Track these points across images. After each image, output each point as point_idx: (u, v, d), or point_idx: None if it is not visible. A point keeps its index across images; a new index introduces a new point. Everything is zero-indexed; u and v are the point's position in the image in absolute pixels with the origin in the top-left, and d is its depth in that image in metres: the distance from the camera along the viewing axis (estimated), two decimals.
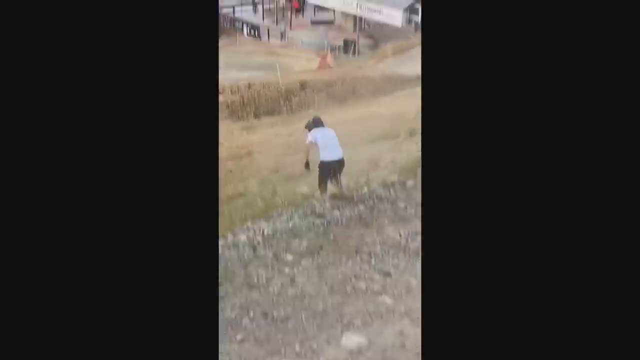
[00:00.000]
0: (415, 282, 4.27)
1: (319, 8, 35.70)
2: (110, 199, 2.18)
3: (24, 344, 2.08)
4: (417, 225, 5.15)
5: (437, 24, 2.22)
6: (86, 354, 2.15)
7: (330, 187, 8.56)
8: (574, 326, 2.07)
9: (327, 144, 8.92)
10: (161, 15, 2.24)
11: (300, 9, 36.52)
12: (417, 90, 11.94)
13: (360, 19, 33.26)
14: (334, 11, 35.04)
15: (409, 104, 15.64)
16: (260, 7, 36.75)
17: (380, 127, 14.83)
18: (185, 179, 2.24)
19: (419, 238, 4.89)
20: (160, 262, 2.21)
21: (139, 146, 2.22)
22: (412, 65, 21.66)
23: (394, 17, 31.52)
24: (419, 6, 30.32)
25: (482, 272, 2.15)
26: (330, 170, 8.79)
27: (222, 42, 30.86)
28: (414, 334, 3.56)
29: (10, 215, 2.09)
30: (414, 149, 10.16)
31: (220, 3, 33.53)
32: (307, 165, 9.30)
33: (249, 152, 15.28)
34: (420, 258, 3.86)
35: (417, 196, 5.97)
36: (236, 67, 26.50)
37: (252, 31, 34.52)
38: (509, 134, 2.16)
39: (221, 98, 20.21)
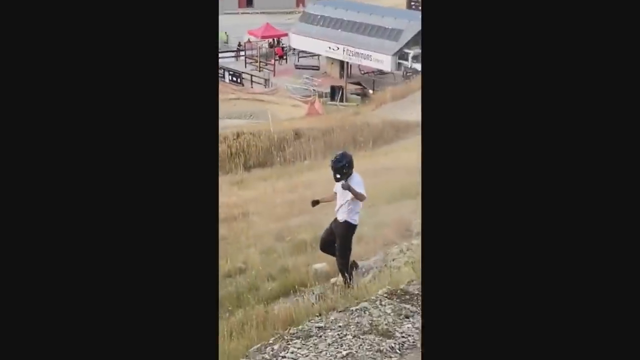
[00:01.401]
0: None
1: (304, 54, 33.86)
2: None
3: (21, 344, 2.07)
4: None
5: (436, 68, 2.23)
6: None
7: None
8: (574, 328, 2.08)
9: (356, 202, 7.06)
10: (159, 62, 2.24)
11: (284, 55, 34.83)
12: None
13: (347, 64, 31.30)
14: (318, 57, 33.19)
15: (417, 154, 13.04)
16: (242, 54, 35.22)
17: (398, 182, 12.20)
18: (180, 249, 2.23)
19: None
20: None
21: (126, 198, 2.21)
22: (412, 110, 19.32)
23: (383, 62, 29.73)
24: (408, 51, 28.71)
25: (482, 279, 2.17)
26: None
27: None
28: None
29: (6, 216, 2.08)
30: None
31: None
32: (315, 203, 7.60)
33: (244, 212, 12.46)
34: None
35: None
36: (219, 115, 23.97)
37: (235, 78, 32.93)
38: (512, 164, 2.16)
39: None
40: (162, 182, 2.22)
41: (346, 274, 7.33)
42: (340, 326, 4.66)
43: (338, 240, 7.28)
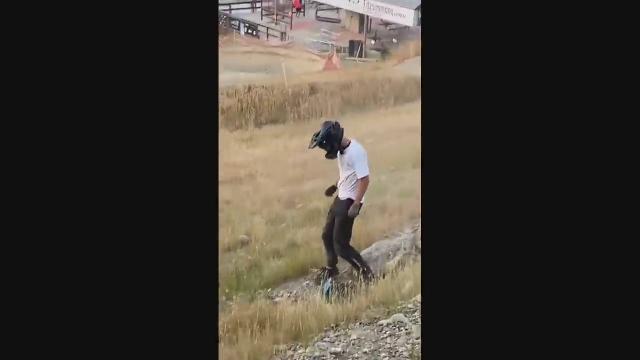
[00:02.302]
0: None
1: (323, 7, 31.90)
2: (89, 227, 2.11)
3: (20, 345, 2.03)
4: None
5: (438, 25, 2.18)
6: None
7: None
8: (573, 329, 2.03)
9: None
10: (160, 14, 2.18)
11: (301, 8, 32.97)
12: None
13: (368, 19, 29.26)
14: (337, 10, 31.24)
15: None
16: (258, 6, 33.61)
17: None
18: (178, 217, 2.14)
19: None
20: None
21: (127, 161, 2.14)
22: None
23: (406, 16, 27.66)
24: None
25: (482, 279, 2.11)
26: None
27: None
28: None
29: (5, 216, 2.05)
30: None
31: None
32: (330, 191, 6.19)
33: (251, 174, 10.93)
34: None
35: None
36: (233, 68, 22.33)
37: (250, 31, 31.12)
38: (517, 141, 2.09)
39: None
40: (159, 138, 2.14)
41: (357, 262, 5.89)
42: (366, 354, 3.18)
43: (337, 220, 5.81)
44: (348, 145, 5.68)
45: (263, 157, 12.40)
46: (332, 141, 5.58)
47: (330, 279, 5.75)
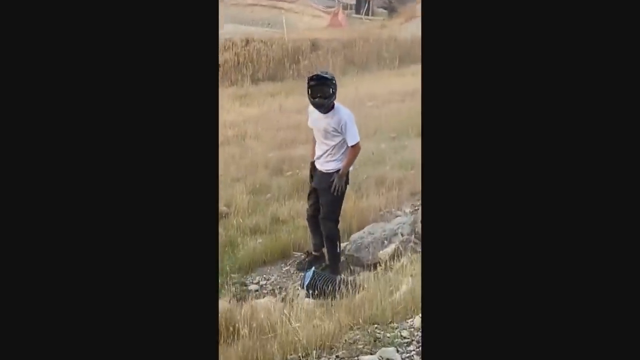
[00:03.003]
0: None
1: None
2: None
3: (18, 345, 1.95)
4: None
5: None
6: None
7: None
8: (573, 331, 1.89)
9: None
10: None
11: None
12: None
13: None
14: None
15: None
16: None
17: None
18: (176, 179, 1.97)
19: None
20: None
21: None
22: None
23: None
24: None
25: (482, 278, 1.89)
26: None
27: None
28: None
29: (4, 216, 1.96)
30: None
31: None
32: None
33: (240, 134, 9.90)
34: None
35: None
36: (232, 20, 21.06)
37: None
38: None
39: None
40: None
41: (333, 252, 4.99)
42: None
43: (326, 198, 4.91)
44: (332, 108, 4.67)
45: (255, 117, 11.34)
46: (328, 97, 4.64)
47: (312, 269, 4.80)
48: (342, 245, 5.21)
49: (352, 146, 4.68)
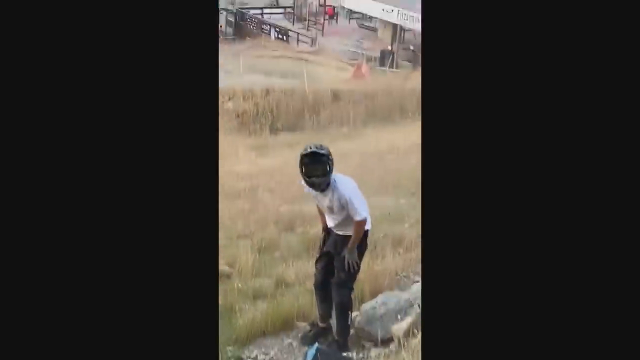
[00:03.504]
0: None
1: (355, 15, 30.63)
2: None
3: (17, 345, 1.98)
4: None
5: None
6: None
7: None
8: (573, 331, 1.94)
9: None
10: (160, 14, 2.08)
11: (334, 15, 31.73)
12: None
13: (401, 28, 27.66)
14: (370, 19, 29.90)
15: None
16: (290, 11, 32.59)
17: None
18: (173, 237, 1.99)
19: None
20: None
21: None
22: None
23: None
24: None
25: (482, 279, 1.99)
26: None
27: (245, 45, 26.43)
28: None
29: (3, 215, 2.01)
30: None
31: (249, 5, 32.38)
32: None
33: (252, 187, 9.35)
34: None
35: None
36: (257, 71, 20.94)
37: (280, 35, 29.88)
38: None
39: (229, 105, 14.38)
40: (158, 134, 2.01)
41: (344, 322, 4.41)
42: None
43: (339, 265, 4.36)
44: (329, 185, 4.14)
45: (270, 168, 10.83)
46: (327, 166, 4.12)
47: (316, 345, 4.16)
48: (352, 314, 4.58)
49: (358, 222, 4.13)
